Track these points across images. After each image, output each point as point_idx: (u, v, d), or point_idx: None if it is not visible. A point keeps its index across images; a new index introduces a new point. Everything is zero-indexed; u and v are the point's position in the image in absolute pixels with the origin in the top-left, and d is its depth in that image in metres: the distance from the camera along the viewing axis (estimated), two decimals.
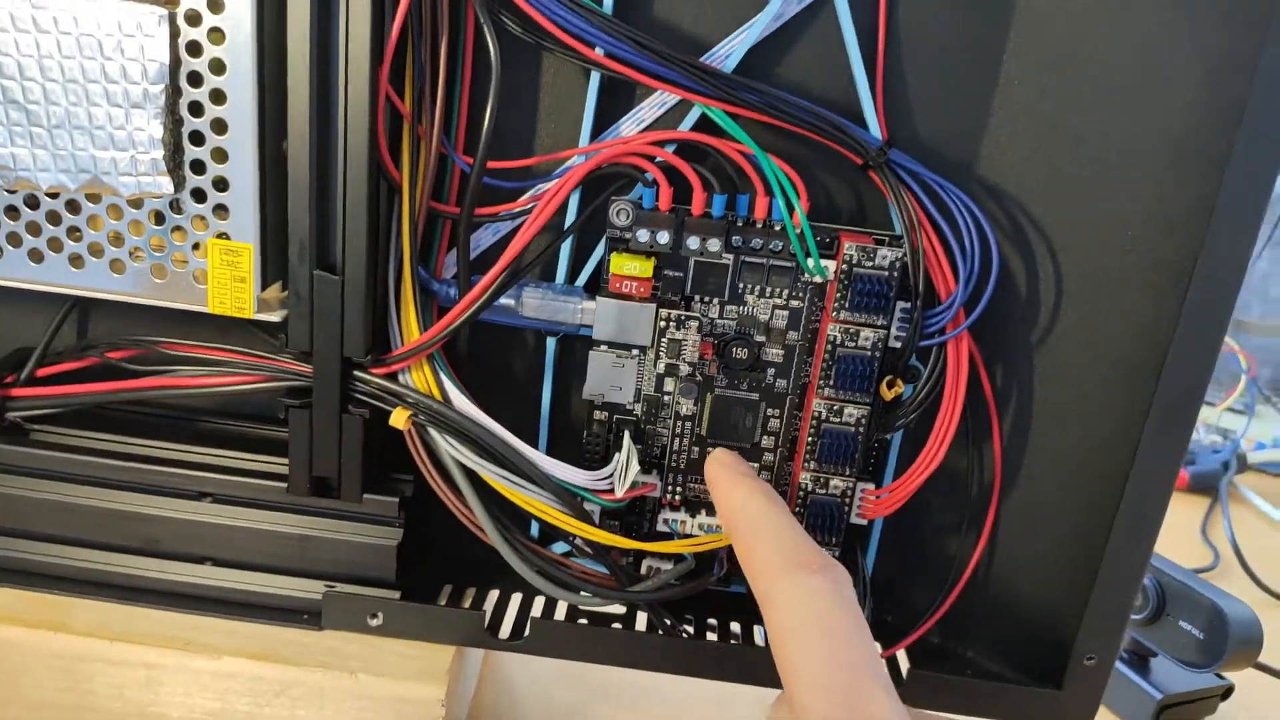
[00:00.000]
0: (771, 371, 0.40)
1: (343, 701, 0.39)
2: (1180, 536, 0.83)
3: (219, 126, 0.33)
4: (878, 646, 0.32)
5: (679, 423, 0.41)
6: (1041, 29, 0.36)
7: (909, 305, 0.37)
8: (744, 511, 0.35)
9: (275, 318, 0.36)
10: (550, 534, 0.42)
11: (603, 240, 0.39)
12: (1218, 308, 0.34)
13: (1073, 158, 0.36)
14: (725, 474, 0.37)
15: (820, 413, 0.39)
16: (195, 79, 0.32)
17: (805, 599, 0.30)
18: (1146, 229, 0.36)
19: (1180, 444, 0.36)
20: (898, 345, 0.38)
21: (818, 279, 0.38)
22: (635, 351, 0.39)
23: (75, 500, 0.41)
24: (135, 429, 0.41)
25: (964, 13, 0.36)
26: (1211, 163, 0.34)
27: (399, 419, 0.37)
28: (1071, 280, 0.38)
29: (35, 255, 0.35)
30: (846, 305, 0.37)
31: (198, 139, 0.33)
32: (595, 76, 0.37)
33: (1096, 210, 0.37)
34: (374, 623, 0.41)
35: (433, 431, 0.38)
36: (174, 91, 0.32)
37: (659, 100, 0.37)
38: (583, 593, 0.40)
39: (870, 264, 0.37)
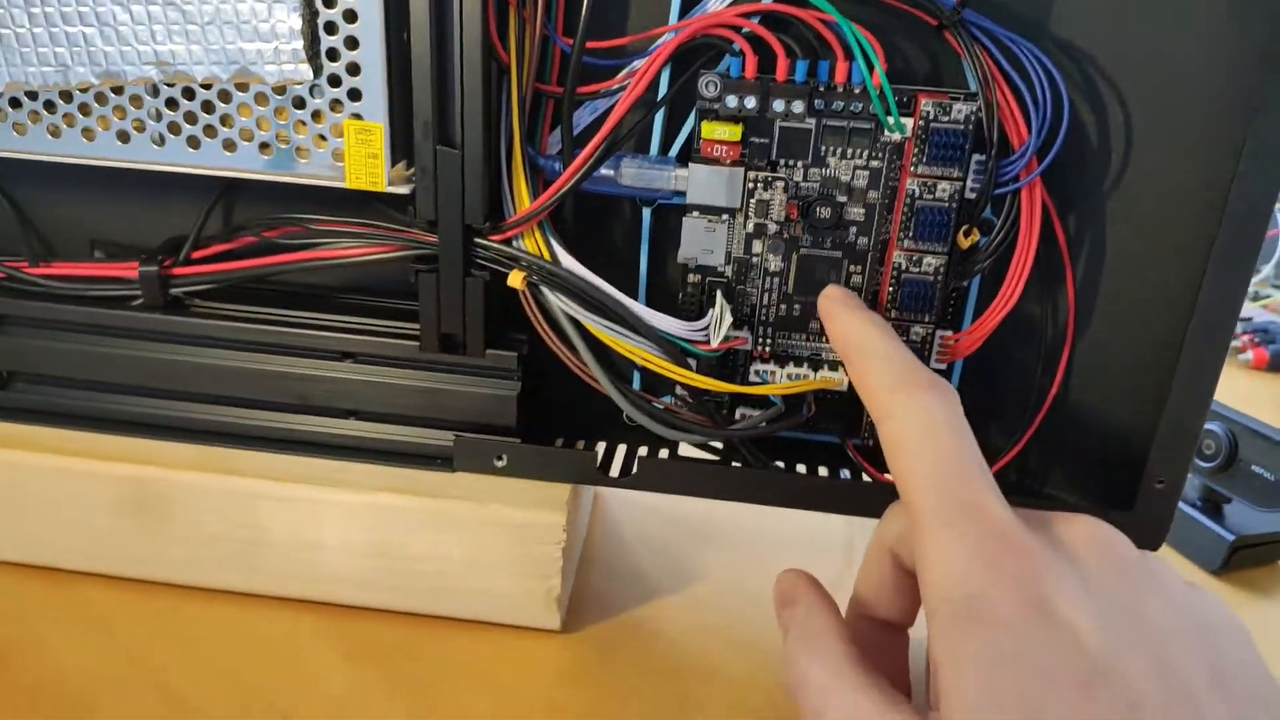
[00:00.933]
0: (854, 230, 0.43)
1: (478, 528, 0.44)
2: (1261, 411, 0.84)
3: (350, 16, 0.37)
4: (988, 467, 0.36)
5: (767, 279, 0.44)
6: None
7: (984, 157, 0.40)
8: (857, 339, 0.38)
9: (404, 190, 0.41)
10: (650, 388, 0.46)
11: (693, 112, 0.42)
12: (1276, 147, 0.36)
13: (1137, 10, 0.38)
14: (838, 307, 0.40)
15: (900, 264, 0.42)
16: None
17: (916, 413, 0.33)
18: (1208, 77, 0.38)
19: (1243, 279, 0.38)
20: (973, 195, 0.41)
21: (897, 136, 0.40)
22: (725, 216, 0.43)
23: (234, 365, 0.46)
24: (284, 302, 0.46)
25: None
26: (1267, 21, 0.36)
27: (515, 279, 0.42)
28: (1140, 128, 0.40)
29: (193, 142, 0.40)
30: (925, 159, 0.40)
31: (331, 29, 0.37)
32: None
33: (1161, 59, 0.38)
34: (499, 464, 0.46)
35: (545, 290, 0.42)
36: None
37: None
38: (684, 431, 0.45)
39: (946, 118, 0.39)
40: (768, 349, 0.46)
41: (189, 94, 0.39)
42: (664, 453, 0.48)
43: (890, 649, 0.37)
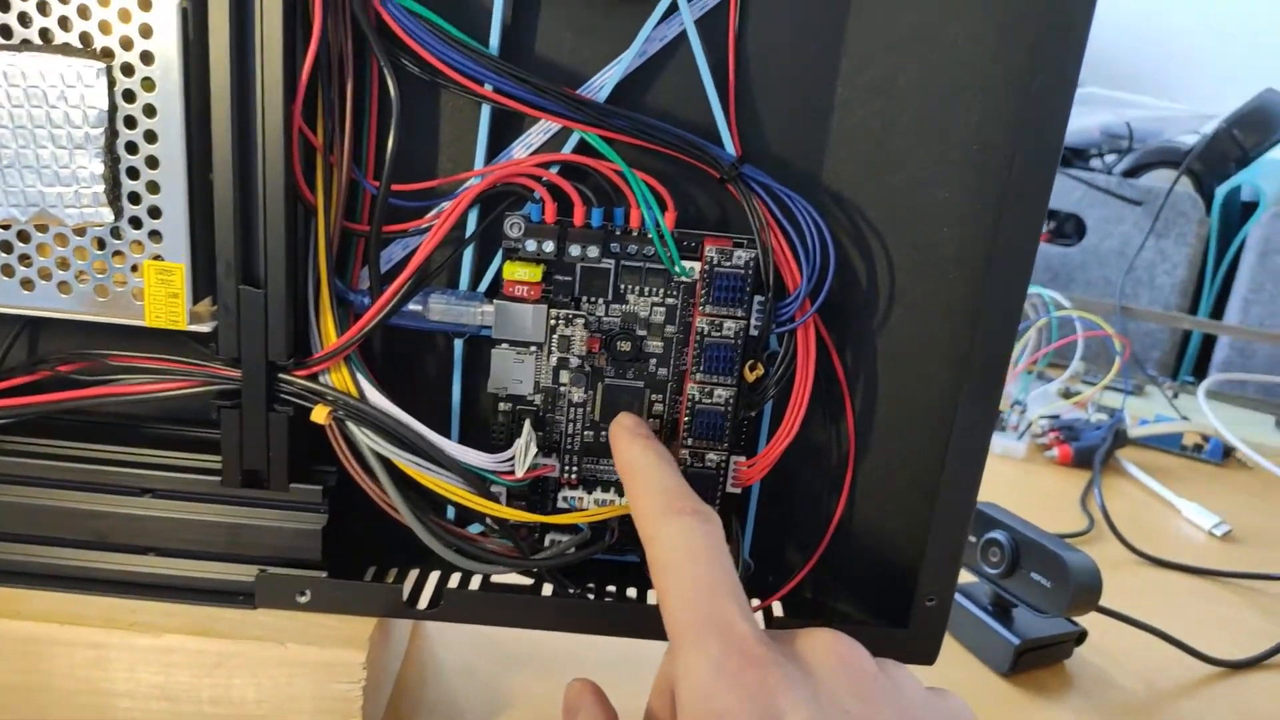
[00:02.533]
0: (653, 361, 0.46)
1: (275, 669, 0.43)
2: (1061, 507, 0.91)
3: (152, 162, 0.38)
4: (742, 590, 0.38)
5: (572, 409, 0.46)
6: (866, 61, 0.42)
7: (764, 298, 0.43)
8: (635, 465, 0.41)
9: (206, 328, 0.41)
10: (465, 517, 0.47)
11: (500, 251, 0.44)
12: (1011, 292, 0.41)
13: (896, 168, 0.43)
14: (624, 435, 0.43)
15: (694, 395, 0.45)
16: (130, 121, 0.37)
17: (677, 536, 0.36)
18: (956, 228, 0.43)
19: (990, 410, 0.43)
20: (756, 333, 0.44)
21: (685, 279, 0.43)
22: (532, 347, 0.45)
23: (29, 501, 0.45)
24: (83, 435, 0.46)
25: (801, 47, 0.42)
26: (999, 173, 0.41)
27: (319, 414, 0.42)
28: (901, 271, 0.44)
29: None
30: (710, 300, 0.43)
31: (134, 173, 0.38)
32: (486, 108, 0.42)
33: (917, 212, 0.43)
34: (302, 600, 0.46)
35: (350, 425, 0.43)
36: (112, 133, 0.37)
37: (544, 127, 0.43)
38: (491, 564, 0.46)
39: (728, 263, 0.43)
40: (575, 475, 0.47)
41: None
42: (476, 581, 0.49)
43: None
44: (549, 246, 0.43)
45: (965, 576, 0.65)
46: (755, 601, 0.48)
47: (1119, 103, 1.57)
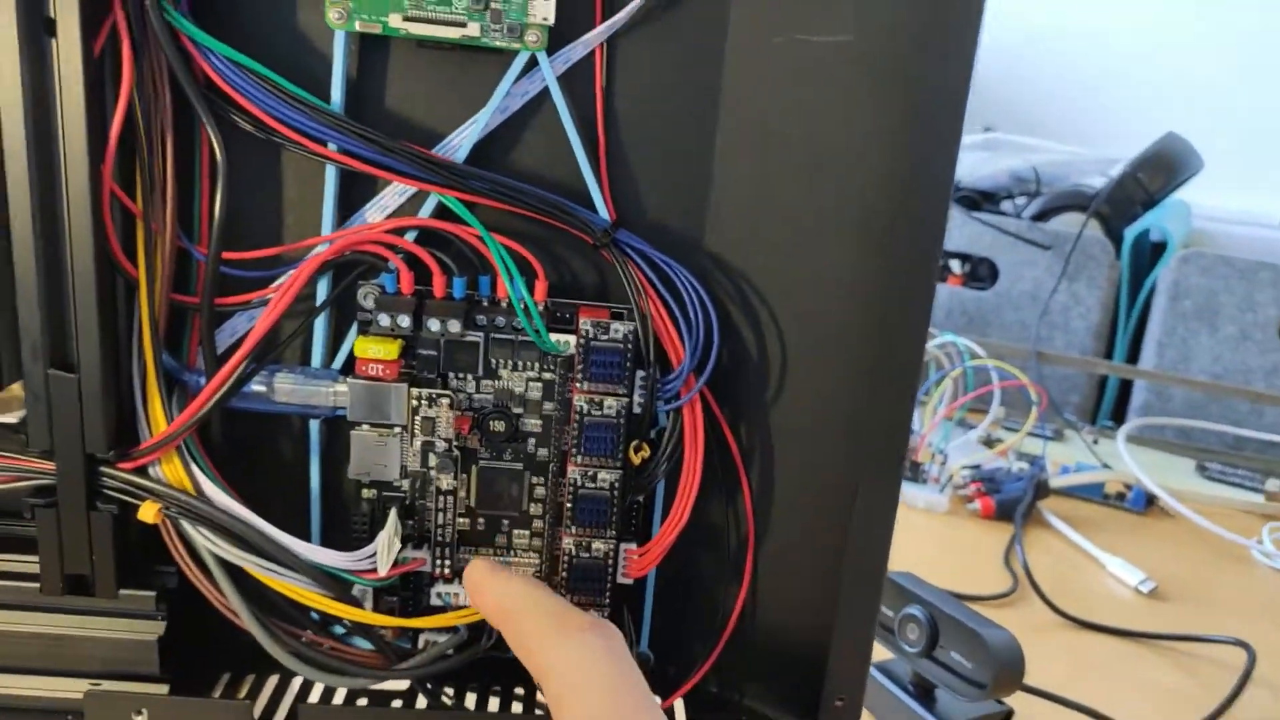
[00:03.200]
0: (532, 441, 0.42)
1: None
2: (985, 563, 0.88)
3: None
4: (656, 699, 0.34)
5: (442, 497, 0.42)
6: (746, 117, 0.39)
7: (646, 374, 0.39)
8: (506, 596, 0.37)
9: (13, 419, 0.36)
10: (330, 618, 0.43)
11: (354, 327, 0.40)
12: (905, 362, 0.38)
13: (783, 231, 0.40)
14: (481, 574, 0.39)
15: (576, 479, 0.41)
16: None
17: (578, 657, 0.32)
18: (847, 293, 0.40)
19: (891, 488, 0.39)
20: (639, 411, 0.40)
21: (558, 354, 0.40)
22: (396, 429, 0.40)
23: None
24: None
25: (677, 103, 0.39)
26: (889, 228, 0.38)
27: (148, 513, 0.38)
28: (793, 343, 0.41)
29: None
30: (589, 376, 0.39)
31: None
32: (331, 169, 0.38)
33: (807, 278, 0.40)
34: (139, 719, 0.40)
35: (185, 524, 0.38)
36: None
37: (399, 188, 0.39)
38: (350, 675, 0.41)
39: (605, 337, 0.39)
40: (449, 569, 0.43)
41: None
42: (342, 692, 0.44)
43: None
44: (405, 321, 0.39)
45: (883, 653, 0.61)
46: (657, 699, 0.44)
47: (1025, 148, 1.58)
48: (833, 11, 0.37)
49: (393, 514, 0.41)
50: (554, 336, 0.39)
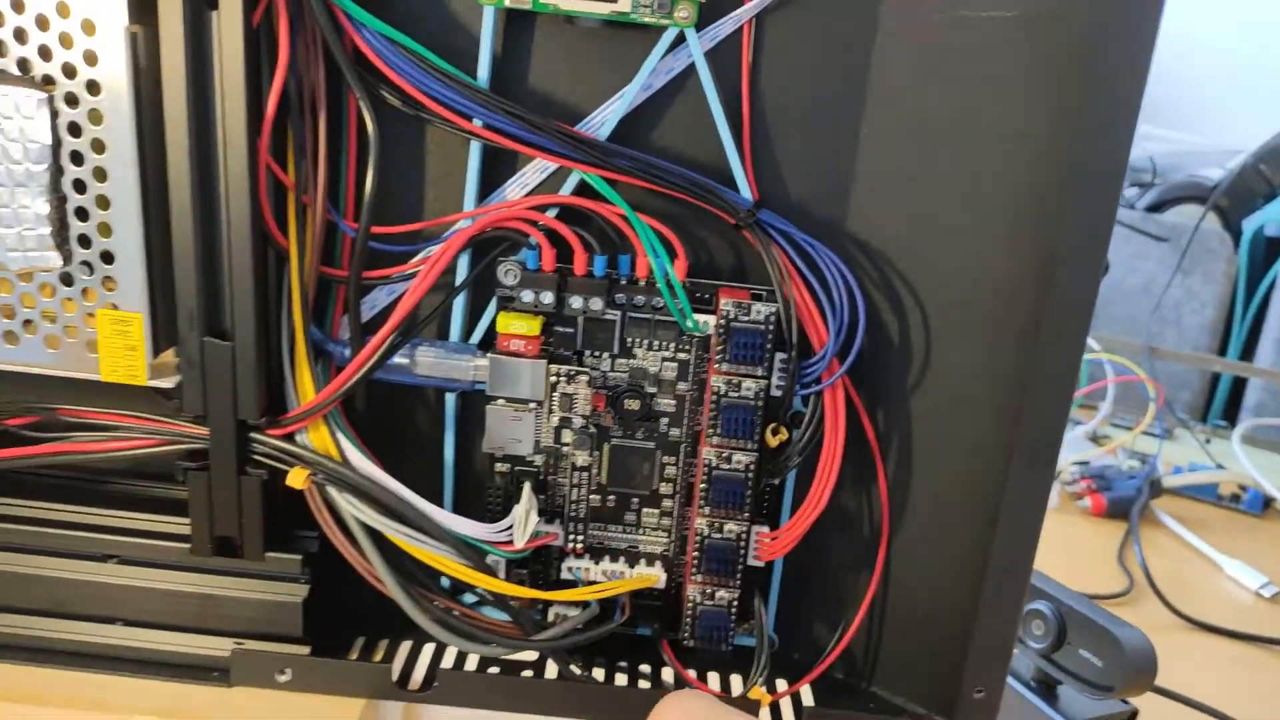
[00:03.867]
0: (665, 421, 0.41)
1: None
2: (1098, 561, 0.85)
3: (103, 202, 0.34)
4: None
5: (577, 473, 0.42)
6: (896, 97, 0.38)
7: (786, 356, 0.39)
8: None
9: (168, 384, 0.37)
10: (461, 586, 0.43)
11: (494, 298, 0.40)
12: (1067, 351, 0.36)
13: (930, 214, 0.38)
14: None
15: (711, 460, 0.41)
16: (77, 158, 0.34)
17: None
18: (1003, 279, 0.38)
19: (1044, 482, 0.38)
20: (779, 394, 0.40)
21: (698, 334, 0.39)
22: (531, 405, 0.41)
23: None
24: (38, 493, 0.42)
25: (822, 84, 0.38)
26: (1049, 218, 0.36)
27: (296, 478, 0.38)
28: (938, 328, 0.39)
29: None
30: (727, 357, 0.39)
31: (83, 214, 0.34)
32: (475, 145, 0.38)
33: (956, 262, 0.38)
34: (282, 678, 0.41)
35: (331, 490, 0.39)
36: (57, 170, 0.34)
37: (541, 165, 0.39)
38: (487, 643, 0.41)
39: (746, 318, 0.38)
40: (580, 544, 0.43)
41: None
42: (474, 659, 0.44)
43: None
44: (548, 298, 0.39)
45: None
46: (783, 685, 0.44)
47: (1142, 136, 1.51)
48: None
49: (528, 488, 0.41)
50: (694, 316, 0.39)
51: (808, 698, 0.45)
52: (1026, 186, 0.37)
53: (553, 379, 0.40)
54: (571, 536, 0.43)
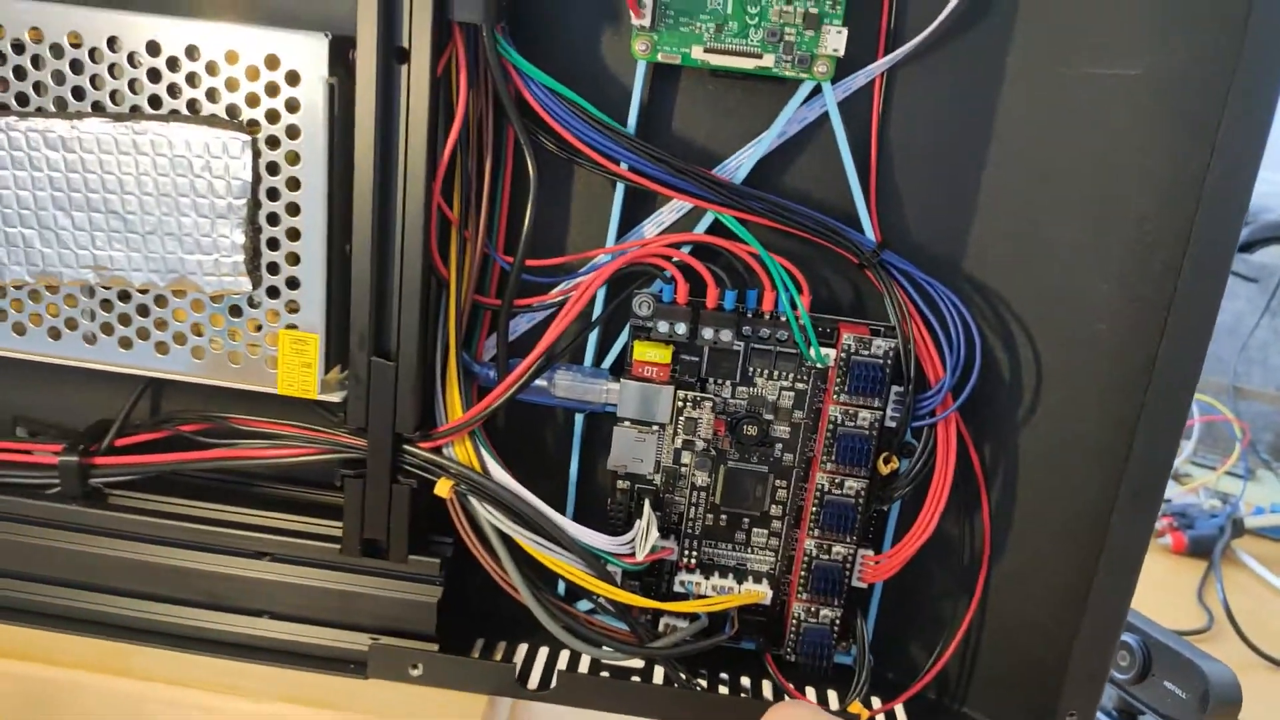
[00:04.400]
0: (779, 446, 0.44)
1: None
2: (1178, 598, 0.86)
3: (293, 234, 0.38)
4: None
5: (695, 493, 0.45)
6: (1017, 146, 0.40)
7: (902, 389, 0.41)
8: None
9: (336, 398, 0.41)
10: (575, 591, 0.46)
11: (626, 327, 0.43)
12: (1178, 396, 0.38)
13: (1047, 258, 0.41)
14: None
15: (823, 485, 0.43)
16: (273, 193, 0.37)
17: None
18: (1114, 323, 0.40)
19: (1148, 520, 0.40)
20: (893, 425, 0.42)
21: (819, 366, 0.42)
22: (655, 427, 0.44)
23: (146, 559, 0.45)
24: (202, 493, 0.46)
25: (947, 131, 0.40)
26: (1166, 265, 0.38)
27: (443, 488, 0.42)
28: (1049, 367, 0.42)
29: (125, 343, 0.40)
30: (846, 389, 0.42)
31: (274, 244, 0.38)
32: (620, 186, 0.41)
33: (1069, 305, 0.41)
34: (414, 673, 0.45)
35: (473, 500, 0.42)
36: (254, 204, 0.37)
37: (676, 205, 0.42)
38: (605, 647, 0.44)
39: (866, 353, 0.41)
40: (693, 559, 0.46)
41: (125, 296, 0.39)
42: (585, 661, 0.47)
43: None
44: (681, 329, 0.41)
45: None
46: (876, 703, 0.46)
47: None
48: (1125, 44, 0.38)
49: (648, 506, 0.44)
50: (818, 347, 0.41)
51: (901, 716, 0.47)
52: (1144, 233, 0.39)
53: (679, 404, 0.43)
54: (685, 552, 0.46)
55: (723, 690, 0.47)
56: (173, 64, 0.36)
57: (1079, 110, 0.39)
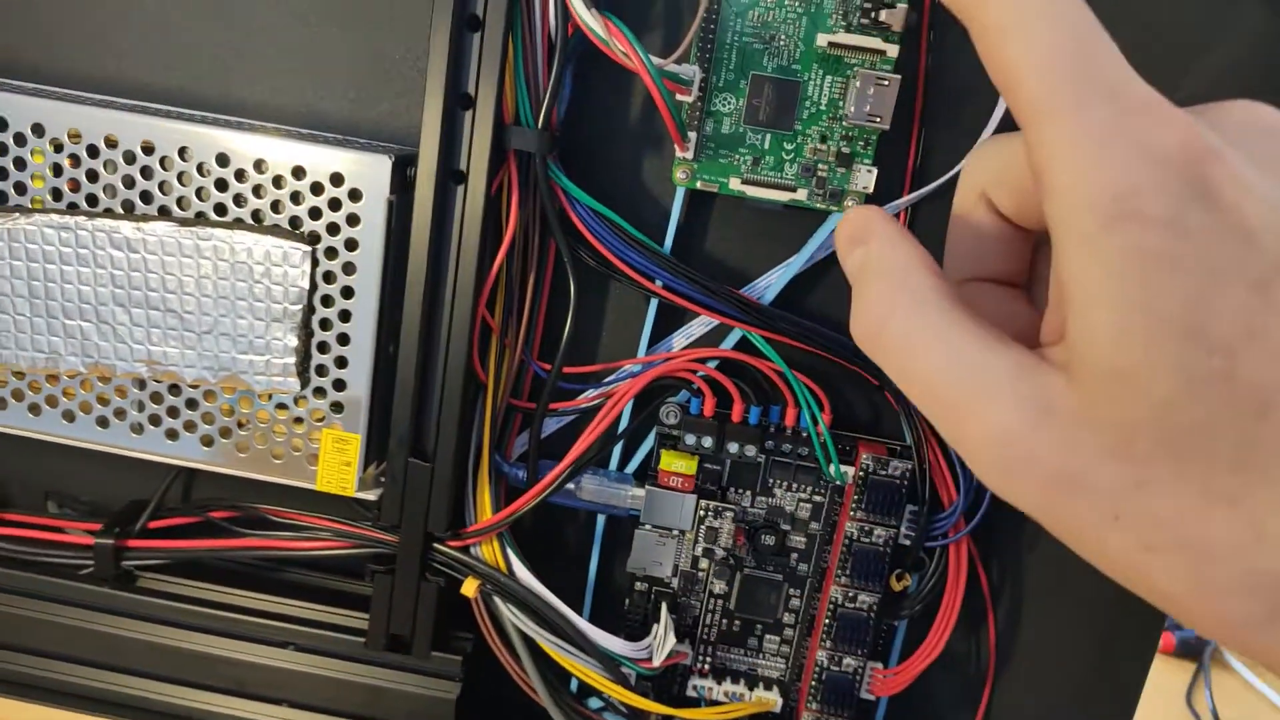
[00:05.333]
0: (795, 556, 0.45)
1: None
2: (1168, 700, 0.86)
3: (343, 339, 0.40)
4: None
5: (711, 599, 0.46)
6: None
7: (916, 508, 0.43)
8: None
9: (372, 496, 0.42)
10: (586, 689, 0.47)
11: (652, 432, 0.45)
12: None
13: None
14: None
15: (837, 598, 0.45)
16: (327, 300, 0.39)
17: None
18: None
19: (1151, 638, 0.41)
20: (906, 543, 0.44)
21: (838, 482, 0.43)
22: (676, 533, 0.45)
23: (172, 643, 0.46)
24: (231, 579, 0.47)
25: None
26: None
27: (470, 588, 0.43)
28: None
29: (172, 434, 0.42)
30: (863, 506, 0.43)
31: (324, 348, 0.40)
32: (654, 302, 0.43)
33: None
34: None
35: (497, 600, 0.43)
36: (309, 309, 0.39)
37: (706, 319, 0.44)
38: None
39: (884, 472, 0.43)
40: (707, 665, 0.47)
41: (175, 390, 0.41)
42: None
43: (1001, 305, 0.28)
44: (708, 442, 0.43)
45: None
46: None
47: None
48: None
49: (666, 611, 0.45)
50: (837, 464, 0.43)
51: None
52: None
53: (700, 513, 0.45)
54: (700, 657, 0.47)
55: None
56: (240, 175, 0.38)
57: None
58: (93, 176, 0.39)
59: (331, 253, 0.39)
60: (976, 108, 0.40)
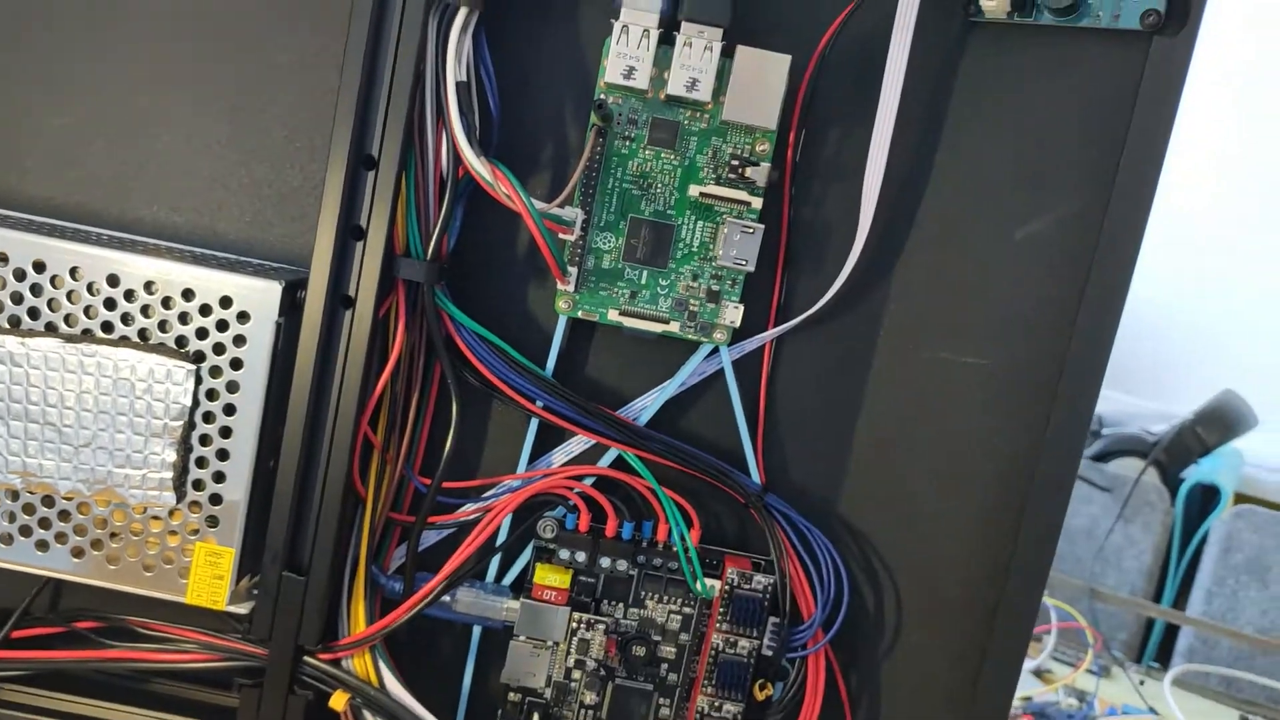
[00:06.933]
0: (665, 666, 0.47)
1: None
2: None
3: (223, 455, 0.40)
4: None
5: (583, 710, 0.47)
6: (885, 412, 0.46)
7: (779, 620, 0.45)
8: None
9: (243, 610, 0.42)
10: None
11: (529, 546, 0.46)
12: (1016, 641, 0.43)
13: (908, 509, 0.46)
14: None
15: (703, 708, 0.46)
16: (209, 417, 0.40)
17: None
18: (968, 573, 0.46)
19: None
20: (769, 654, 0.46)
21: (705, 596, 0.45)
22: (550, 644, 0.46)
23: None
24: (94, 690, 0.46)
25: (825, 392, 0.46)
26: (1008, 527, 0.44)
27: (338, 701, 0.43)
28: (909, 610, 0.46)
29: (42, 546, 0.41)
30: (729, 619, 0.45)
31: (203, 463, 0.40)
32: (534, 421, 0.45)
33: (928, 553, 0.46)
34: None
35: (366, 714, 0.44)
36: (189, 426, 0.40)
37: (584, 439, 0.46)
38: None
39: (748, 586, 0.45)
40: None
41: (48, 501, 0.41)
42: None
43: None
44: (581, 556, 0.45)
45: None
46: None
47: None
48: (975, 338, 0.44)
49: (536, 717, 0.46)
50: (704, 579, 0.45)
51: None
52: (991, 494, 0.45)
53: (573, 625, 0.46)
54: None
55: None
56: (129, 295, 0.39)
57: (936, 386, 0.45)
58: None
59: (216, 371, 0.40)
60: (836, 250, 0.44)
